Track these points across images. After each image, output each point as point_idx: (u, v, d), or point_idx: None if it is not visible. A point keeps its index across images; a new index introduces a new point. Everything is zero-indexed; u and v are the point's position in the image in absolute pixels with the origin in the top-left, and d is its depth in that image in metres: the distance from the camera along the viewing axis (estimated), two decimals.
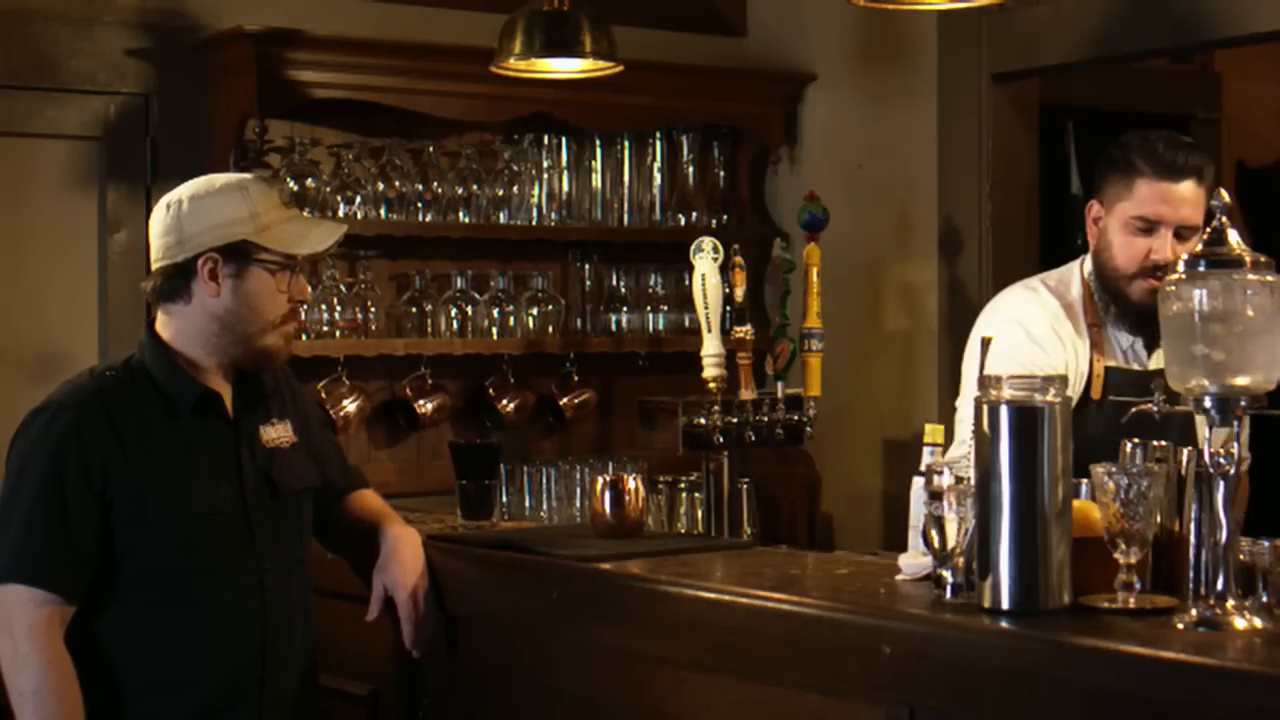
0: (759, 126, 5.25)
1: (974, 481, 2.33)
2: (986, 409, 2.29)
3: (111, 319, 4.45)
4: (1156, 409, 2.50)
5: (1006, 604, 2.27)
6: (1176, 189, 3.14)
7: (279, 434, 2.93)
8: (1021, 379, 2.31)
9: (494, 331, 4.77)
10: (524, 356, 4.82)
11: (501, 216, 4.84)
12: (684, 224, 5.11)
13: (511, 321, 4.80)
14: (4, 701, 2.67)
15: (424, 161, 4.74)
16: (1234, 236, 2.20)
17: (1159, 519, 2.35)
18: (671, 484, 3.87)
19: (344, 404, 4.53)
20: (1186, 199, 3.14)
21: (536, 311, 4.86)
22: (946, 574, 2.39)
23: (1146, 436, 2.44)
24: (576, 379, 4.95)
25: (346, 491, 3.13)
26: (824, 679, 2.43)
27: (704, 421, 3.55)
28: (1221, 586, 2.16)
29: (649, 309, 5.06)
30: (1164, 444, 2.43)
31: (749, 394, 3.65)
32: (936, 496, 2.39)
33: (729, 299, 3.71)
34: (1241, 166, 6.15)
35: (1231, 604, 2.16)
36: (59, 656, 2.66)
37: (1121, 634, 2.15)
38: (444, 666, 3.11)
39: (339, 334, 4.55)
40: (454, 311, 4.73)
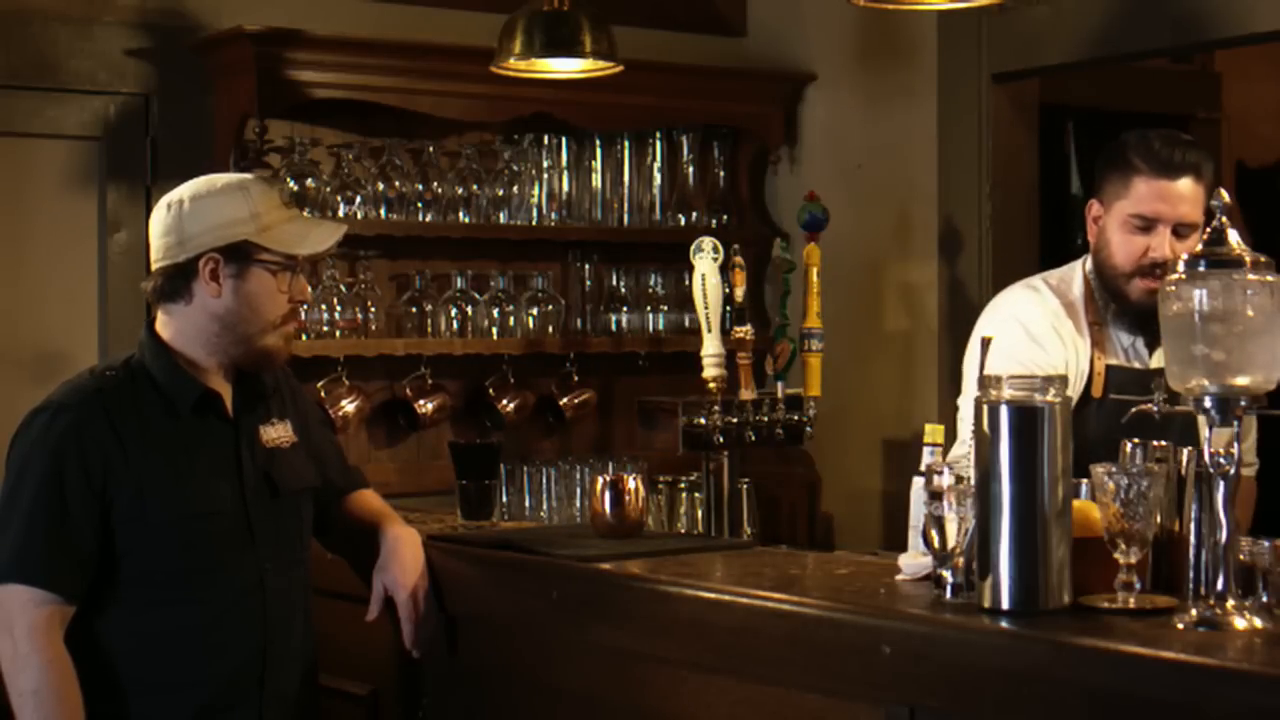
0: (759, 126, 5.25)
1: (974, 481, 2.33)
2: (986, 409, 2.29)
3: (111, 319, 4.45)
4: (1156, 409, 2.50)
5: (1006, 604, 2.27)
6: (1174, 186, 3.13)
7: (279, 434, 2.93)
8: (1021, 379, 2.31)
9: (494, 331, 4.77)
10: (524, 356, 4.82)
11: (501, 216, 4.84)
12: (684, 224, 5.11)
13: (511, 321, 4.80)
14: (4, 701, 2.67)
15: (424, 161, 4.74)
16: (1234, 236, 2.20)
17: (1159, 519, 2.35)
18: (671, 484, 3.86)
19: (344, 404, 4.53)
20: (1184, 196, 3.13)
21: (536, 311, 4.86)
22: (946, 574, 2.39)
23: (1147, 436, 2.44)
24: (576, 379, 4.94)
25: (346, 491, 3.13)
26: (824, 679, 2.43)
27: (704, 421, 3.55)
28: (1221, 586, 2.16)
29: (649, 309, 5.06)
30: (1164, 444, 2.43)
31: (749, 394, 3.64)
32: (936, 496, 2.39)
33: (729, 299, 3.71)
34: (1241, 166, 6.15)
35: (1231, 604, 2.16)
36: (59, 656, 2.65)
37: (1121, 634, 2.15)
38: (444, 666, 3.10)
39: (339, 334, 4.55)
40: (454, 311, 4.73)
